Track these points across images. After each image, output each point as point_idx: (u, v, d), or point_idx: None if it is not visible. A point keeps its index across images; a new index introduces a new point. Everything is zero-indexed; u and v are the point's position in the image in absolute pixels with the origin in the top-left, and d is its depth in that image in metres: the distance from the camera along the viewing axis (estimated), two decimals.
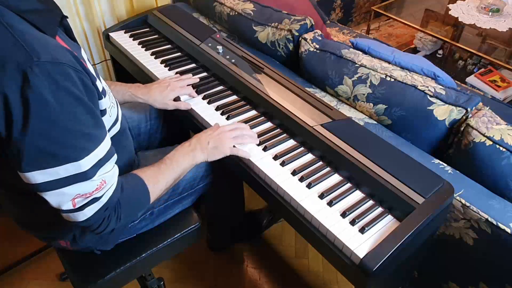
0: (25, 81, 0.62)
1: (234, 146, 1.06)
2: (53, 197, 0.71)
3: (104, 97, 0.80)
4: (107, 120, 0.83)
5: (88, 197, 0.73)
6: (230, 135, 1.05)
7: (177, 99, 1.23)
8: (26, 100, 0.62)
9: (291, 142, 1.12)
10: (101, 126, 0.75)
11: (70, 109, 0.67)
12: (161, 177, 0.92)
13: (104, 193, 0.76)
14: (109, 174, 0.76)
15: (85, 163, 0.70)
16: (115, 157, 0.79)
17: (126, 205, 0.82)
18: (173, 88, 1.22)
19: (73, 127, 0.67)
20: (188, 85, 1.27)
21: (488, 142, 1.00)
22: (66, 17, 0.80)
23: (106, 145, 0.75)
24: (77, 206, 0.73)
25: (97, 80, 0.79)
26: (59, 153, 0.67)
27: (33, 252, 1.56)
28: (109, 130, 0.85)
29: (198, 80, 1.30)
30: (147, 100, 1.19)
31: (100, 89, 0.79)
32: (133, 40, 1.59)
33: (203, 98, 1.27)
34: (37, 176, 0.68)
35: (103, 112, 0.81)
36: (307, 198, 0.95)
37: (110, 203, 0.78)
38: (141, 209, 0.95)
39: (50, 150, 0.66)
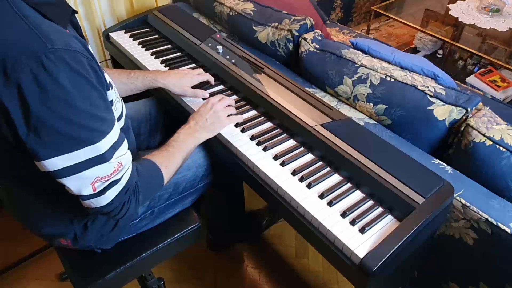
0: (41, 68, 0.63)
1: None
2: (73, 182, 0.73)
3: (111, 89, 0.83)
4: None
5: (107, 180, 0.75)
6: (222, 106, 1.09)
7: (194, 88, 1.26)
8: (43, 86, 0.64)
9: (291, 142, 1.12)
10: (111, 111, 0.78)
11: (86, 93, 0.69)
12: (171, 159, 0.96)
13: (123, 175, 0.78)
14: (125, 157, 0.79)
15: (103, 146, 0.72)
16: (126, 141, 0.81)
17: (144, 187, 0.86)
18: (191, 76, 1.25)
19: (90, 110, 0.69)
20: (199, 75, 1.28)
21: (488, 142, 1.00)
22: (76, 12, 0.81)
23: (117, 129, 0.78)
24: (97, 191, 0.75)
25: (105, 73, 0.80)
26: (78, 136, 0.69)
27: (33, 252, 1.56)
28: None
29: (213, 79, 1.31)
30: (167, 84, 1.22)
31: (108, 81, 0.81)
32: (133, 40, 1.59)
33: (203, 98, 1.27)
34: (58, 162, 0.69)
35: (111, 103, 0.82)
36: (307, 198, 0.95)
37: (129, 185, 0.80)
38: (157, 191, 0.98)
39: (69, 134, 0.68)
